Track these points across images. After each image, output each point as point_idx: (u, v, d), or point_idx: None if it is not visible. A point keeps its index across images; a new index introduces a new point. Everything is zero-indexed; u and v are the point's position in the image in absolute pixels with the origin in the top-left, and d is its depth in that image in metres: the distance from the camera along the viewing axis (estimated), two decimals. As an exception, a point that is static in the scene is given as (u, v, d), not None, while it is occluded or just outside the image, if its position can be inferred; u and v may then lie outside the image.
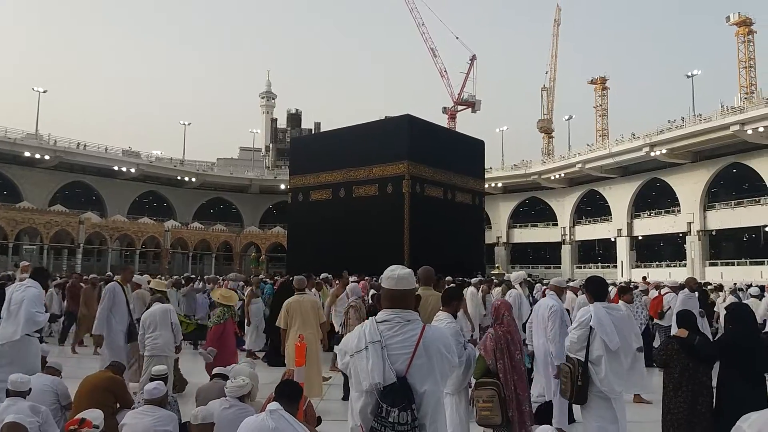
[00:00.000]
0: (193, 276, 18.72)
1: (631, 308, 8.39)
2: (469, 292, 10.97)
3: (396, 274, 2.58)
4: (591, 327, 4.66)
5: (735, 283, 22.35)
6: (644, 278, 20.45)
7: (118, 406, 5.09)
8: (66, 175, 50.71)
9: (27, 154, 45.69)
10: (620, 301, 7.85)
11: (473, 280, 13.00)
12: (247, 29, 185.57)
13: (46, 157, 46.93)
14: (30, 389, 4.44)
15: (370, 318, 2.56)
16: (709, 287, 16.95)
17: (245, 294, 12.41)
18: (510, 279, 12.09)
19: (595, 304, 4.80)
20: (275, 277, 18.76)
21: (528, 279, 16.45)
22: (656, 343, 10.33)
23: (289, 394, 3.77)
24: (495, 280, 15.22)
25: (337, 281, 11.87)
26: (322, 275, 14.23)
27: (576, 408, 5.50)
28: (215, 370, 5.73)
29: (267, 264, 49.84)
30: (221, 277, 19.82)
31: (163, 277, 17.97)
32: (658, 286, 13.45)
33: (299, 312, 7.23)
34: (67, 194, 50.88)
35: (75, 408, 4.93)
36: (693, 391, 4.94)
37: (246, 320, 11.44)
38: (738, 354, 4.74)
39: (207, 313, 12.43)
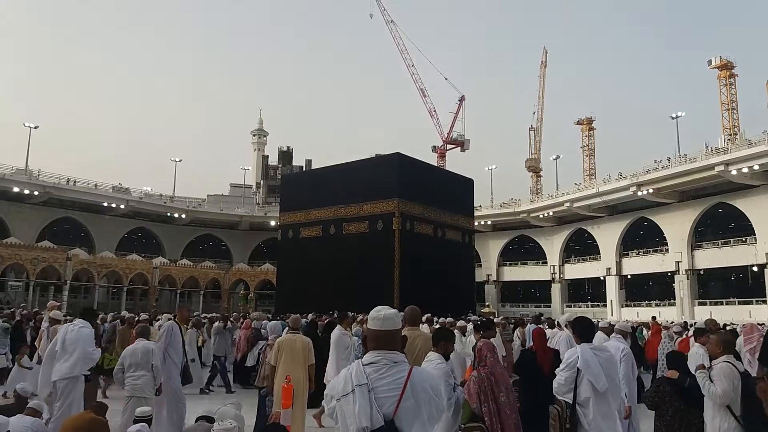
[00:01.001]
0: (218, 315, 17.81)
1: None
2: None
3: (381, 315, 2.58)
4: (578, 369, 4.64)
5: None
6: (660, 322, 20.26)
7: (100, 448, 4.99)
8: (55, 210, 50.37)
9: (16, 189, 45.46)
10: (696, 345, 7.59)
11: (459, 323, 12.25)
12: (240, 67, 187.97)
13: (35, 193, 46.69)
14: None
15: (356, 361, 2.55)
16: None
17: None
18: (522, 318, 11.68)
19: (582, 345, 4.77)
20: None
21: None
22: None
23: (275, 438, 3.72)
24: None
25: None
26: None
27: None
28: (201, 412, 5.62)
29: (255, 301, 49.34)
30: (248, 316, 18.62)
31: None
32: (686, 327, 13.48)
33: (290, 350, 7.19)
34: (56, 230, 50.46)
35: (56, 451, 4.83)
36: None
37: None
38: None
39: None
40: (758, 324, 11.45)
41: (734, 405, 4.51)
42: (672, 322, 15.65)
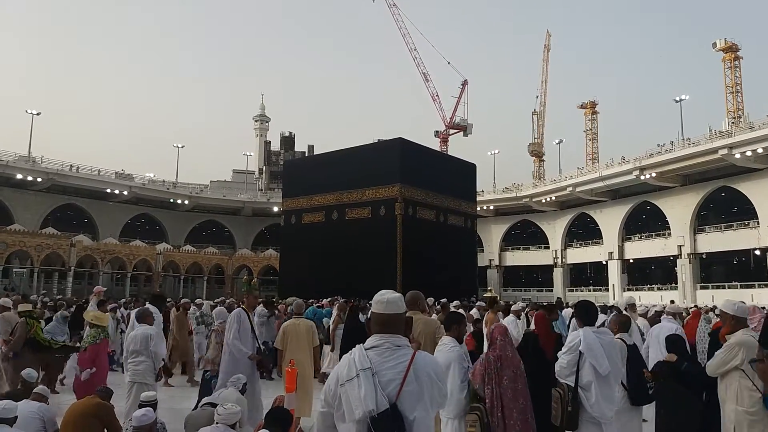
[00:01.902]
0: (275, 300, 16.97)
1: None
2: (508, 320, 9.88)
3: (385, 299, 2.57)
4: (580, 352, 4.66)
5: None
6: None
7: (106, 432, 5.04)
8: (58, 197, 50.47)
9: (19, 176, 45.52)
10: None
11: (514, 307, 11.11)
12: (242, 52, 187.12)
13: (39, 180, 46.76)
14: (16, 417, 4.39)
15: (357, 345, 2.55)
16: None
17: (332, 320, 12.35)
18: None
19: (585, 328, 4.79)
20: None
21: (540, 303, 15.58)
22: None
23: (280, 421, 3.76)
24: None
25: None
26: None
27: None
28: (205, 398, 5.68)
29: (259, 287, 49.54)
30: (282, 301, 18.26)
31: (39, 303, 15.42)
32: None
33: (295, 335, 7.47)
34: (59, 217, 50.59)
35: (62, 436, 4.88)
36: (684, 415, 4.97)
37: (331, 346, 11.85)
38: None
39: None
40: (759, 307, 11.52)
41: (622, 376, 5.02)
42: (712, 306, 15.69)
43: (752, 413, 4.16)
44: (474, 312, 11.80)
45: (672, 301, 18.66)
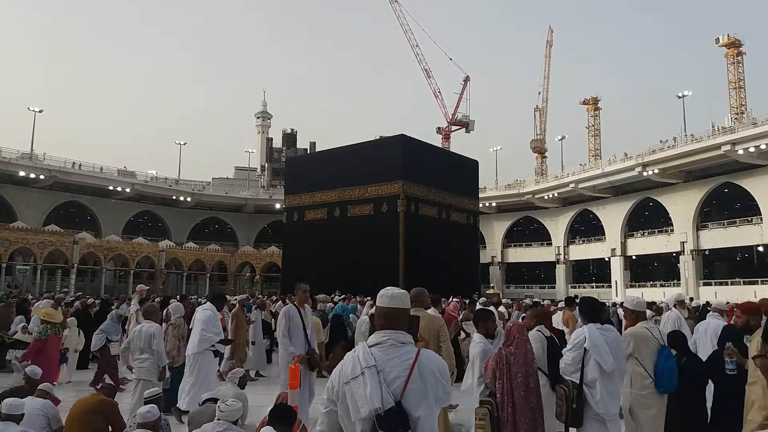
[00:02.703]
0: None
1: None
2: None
3: (390, 293, 2.57)
4: (585, 348, 4.64)
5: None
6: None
7: (110, 429, 5.04)
8: (61, 194, 50.55)
9: (22, 173, 45.57)
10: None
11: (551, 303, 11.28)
12: (243, 49, 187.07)
13: (41, 177, 46.83)
14: (23, 414, 4.40)
15: (361, 343, 2.54)
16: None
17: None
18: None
19: (589, 325, 4.77)
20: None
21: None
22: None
23: (284, 418, 3.75)
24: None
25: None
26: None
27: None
28: (207, 395, 5.68)
29: (262, 284, 49.65)
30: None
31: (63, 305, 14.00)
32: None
33: (318, 330, 7.51)
34: (62, 214, 50.69)
35: (66, 432, 4.89)
36: (686, 410, 4.97)
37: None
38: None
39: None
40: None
41: (543, 364, 5.27)
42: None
43: (644, 396, 4.78)
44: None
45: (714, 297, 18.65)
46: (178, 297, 15.62)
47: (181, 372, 7.80)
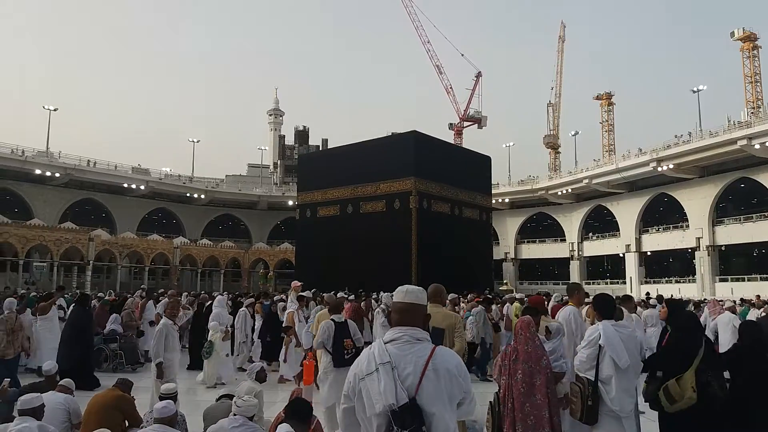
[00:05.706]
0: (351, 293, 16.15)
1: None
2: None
3: (405, 288, 2.60)
4: (600, 345, 4.63)
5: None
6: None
7: (127, 424, 5.11)
8: (76, 192, 51.10)
9: (38, 171, 46.13)
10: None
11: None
12: (256, 47, 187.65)
13: (57, 175, 47.34)
14: (43, 407, 4.46)
15: (377, 340, 2.56)
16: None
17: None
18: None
19: (604, 322, 4.75)
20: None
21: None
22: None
23: (300, 413, 3.77)
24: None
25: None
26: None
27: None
28: (223, 390, 5.74)
29: (275, 280, 49.87)
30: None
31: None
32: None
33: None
34: (77, 211, 51.22)
35: (83, 427, 4.95)
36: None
37: None
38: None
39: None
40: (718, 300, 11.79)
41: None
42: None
43: None
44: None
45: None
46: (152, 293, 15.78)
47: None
